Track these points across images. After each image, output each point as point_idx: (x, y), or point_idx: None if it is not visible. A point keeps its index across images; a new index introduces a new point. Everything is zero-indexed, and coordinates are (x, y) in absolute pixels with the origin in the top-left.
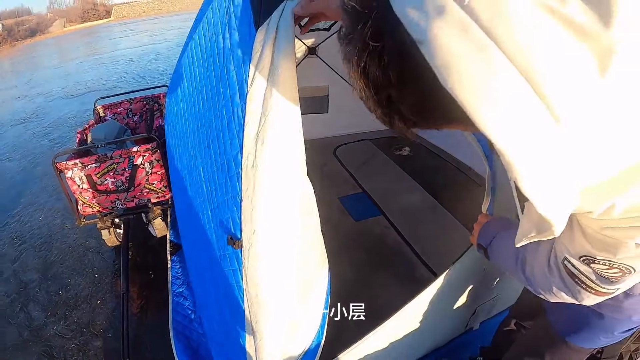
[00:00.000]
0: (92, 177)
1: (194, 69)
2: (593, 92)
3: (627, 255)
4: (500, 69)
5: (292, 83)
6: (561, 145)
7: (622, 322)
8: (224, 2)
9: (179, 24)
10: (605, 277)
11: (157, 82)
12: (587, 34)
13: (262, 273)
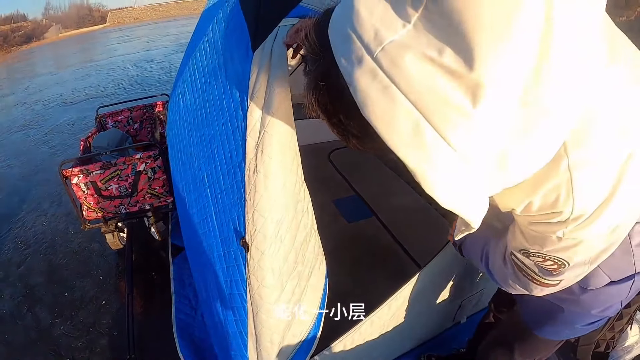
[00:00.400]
0: (97, 183)
1: (196, 84)
2: (471, 121)
3: (554, 248)
4: (400, 105)
5: (286, 99)
6: (461, 166)
7: (581, 316)
8: (224, 25)
9: (174, 30)
10: (545, 269)
11: (153, 88)
12: (458, 76)
13: (263, 267)
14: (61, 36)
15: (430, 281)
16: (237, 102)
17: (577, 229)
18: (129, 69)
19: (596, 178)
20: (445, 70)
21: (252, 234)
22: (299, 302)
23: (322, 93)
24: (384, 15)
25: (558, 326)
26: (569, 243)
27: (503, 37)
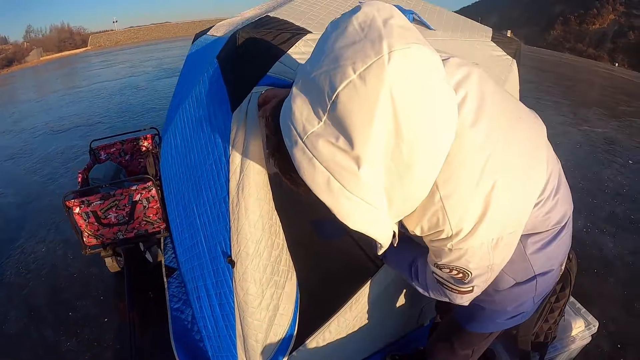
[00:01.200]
0: (97, 212)
1: (185, 131)
2: (358, 177)
3: (450, 258)
4: (318, 169)
5: (260, 149)
6: (361, 204)
7: (500, 312)
8: (207, 86)
9: (156, 55)
10: (455, 278)
11: (139, 116)
12: (346, 152)
13: (247, 278)
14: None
15: (386, 287)
16: (221, 151)
17: (461, 241)
18: (113, 96)
19: (464, 204)
20: (339, 149)
21: (237, 253)
22: (277, 306)
23: (277, 158)
24: (308, 116)
25: (483, 321)
26: (459, 253)
27: (368, 130)
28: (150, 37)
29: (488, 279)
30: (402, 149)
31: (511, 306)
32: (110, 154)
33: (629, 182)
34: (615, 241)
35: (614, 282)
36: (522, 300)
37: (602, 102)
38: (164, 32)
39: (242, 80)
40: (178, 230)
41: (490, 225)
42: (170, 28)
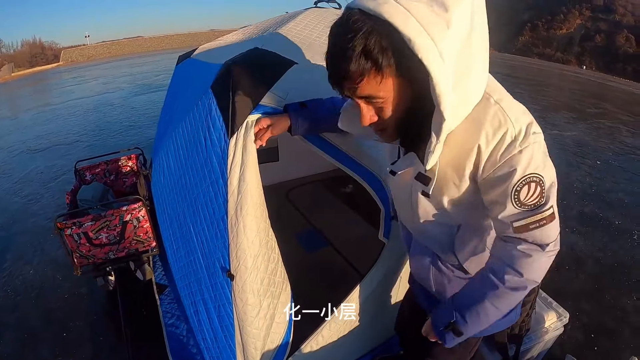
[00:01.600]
0: (89, 233)
1: (179, 154)
2: (447, 34)
3: (524, 165)
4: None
5: (256, 172)
6: (440, 62)
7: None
8: (203, 113)
9: (129, 70)
10: (534, 199)
11: (117, 134)
12: (439, 14)
13: (246, 290)
14: (14, 75)
15: (372, 292)
16: (218, 173)
17: (525, 139)
18: (89, 114)
19: (513, 105)
20: (434, 10)
21: (236, 267)
22: (273, 315)
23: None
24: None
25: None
26: (529, 153)
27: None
28: (122, 51)
29: (554, 192)
30: (472, 39)
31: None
32: (95, 174)
33: (597, 182)
34: (585, 239)
35: (585, 278)
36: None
37: (570, 106)
38: (136, 47)
39: (237, 109)
40: (173, 248)
41: (534, 122)
42: (142, 42)
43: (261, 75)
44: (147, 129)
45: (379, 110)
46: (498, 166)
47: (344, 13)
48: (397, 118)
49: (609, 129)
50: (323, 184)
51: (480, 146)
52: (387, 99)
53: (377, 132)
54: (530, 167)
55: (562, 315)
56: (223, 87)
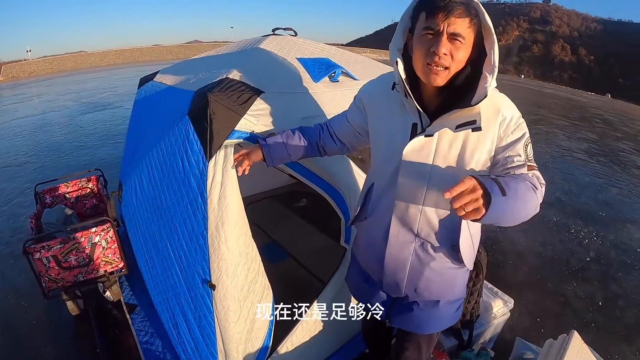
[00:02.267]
0: (58, 256)
1: (153, 175)
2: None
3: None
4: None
5: (236, 189)
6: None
7: (451, 305)
8: (180, 138)
9: (73, 87)
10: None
11: (68, 154)
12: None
13: (228, 297)
14: None
15: (338, 293)
16: (197, 193)
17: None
18: (36, 134)
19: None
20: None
21: (217, 277)
22: (254, 321)
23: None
24: None
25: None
26: (525, 125)
27: None
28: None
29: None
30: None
31: (459, 289)
32: (56, 197)
33: None
34: (527, 236)
35: (529, 270)
36: (464, 282)
37: None
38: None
39: (214, 135)
40: (148, 266)
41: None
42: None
43: (234, 103)
44: (98, 149)
45: (455, 49)
46: (513, 130)
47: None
48: (461, 63)
49: (547, 134)
50: (278, 200)
51: (504, 115)
52: (466, 42)
53: (437, 70)
54: (527, 132)
55: (507, 302)
56: (200, 115)
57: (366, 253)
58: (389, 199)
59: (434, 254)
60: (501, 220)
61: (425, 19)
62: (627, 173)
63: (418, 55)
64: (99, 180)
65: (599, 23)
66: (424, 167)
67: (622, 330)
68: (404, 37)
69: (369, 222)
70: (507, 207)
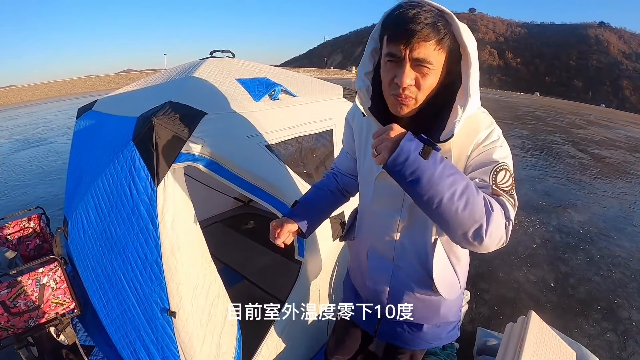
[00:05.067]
0: (5, 302)
1: (101, 207)
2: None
3: (504, 154)
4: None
5: (189, 211)
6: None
7: (450, 324)
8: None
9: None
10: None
11: (3, 196)
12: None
13: (191, 321)
14: None
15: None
16: (147, 220)
17: (502, 140)
18: None
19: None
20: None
21: (177, 303)
22: (219, 345)
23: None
24: None
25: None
26: (505, 149)
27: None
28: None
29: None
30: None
31: (451, 314)
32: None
33: None
34: None
35: (479, 263)
36: (457, 307)
37: None
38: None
39: (161, 160)
40: (102, 301)
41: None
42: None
43: (179, 126)
44: (35, 187)
45: (422, 76)
46: (483, 152)
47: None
48: (428, 91)
49: None
50: (225, 223)
51: (478, 137)
52: (434, 67)
53: (402, 99)
54: (506, 159)
55: (464, 294)
56: (145, 140)
57: (354, 272)
58: (368, 223)
59: (411, 281)
60: (415, 192)
61: (387, 43)
62: (562, 163)
63: (383, 84)
64: (40, 219)
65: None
66: (396, 196)
67: (577, 306)
68: (373, 58)
69: (357, 243)
70: (423, 173)
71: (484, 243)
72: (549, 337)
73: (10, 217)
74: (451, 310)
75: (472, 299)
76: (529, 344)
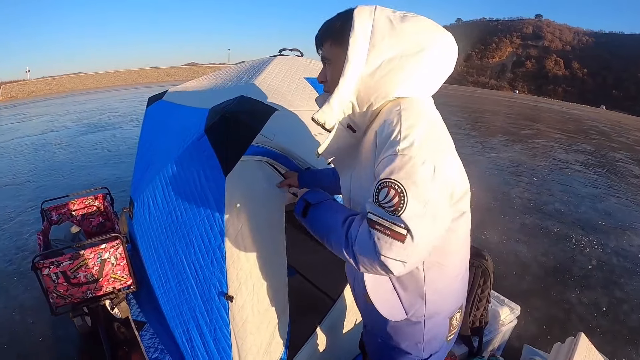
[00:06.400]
0: (67, 272)
1: (167, 191)
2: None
3: (395, 166)
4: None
5: (256, 202)
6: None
7: (406, 355)
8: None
9: (73, 108)
10: (392, 206)
11: (68, 174)
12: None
13: (246, 307)
14: None
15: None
16: (214, 207)
17: (408, 148)
18: (37, 153)
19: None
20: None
21: (236, 288)
22: (273, 335)
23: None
24: None
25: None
26: (404, 160)
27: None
28: (64, 88)
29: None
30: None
31: (404, 343)
32: (62, 214)
33: (534, 196)
34: (528, 247)
35: (532, 279)
36: (411, 340)
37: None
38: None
39: (232, 151)
40: (161, 281)
41: (433, 147)
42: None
43: (250, 120)
44: (99, 169)
45: (327, 70)
46: (381, 160)
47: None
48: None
49: (543, 147)
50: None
51: (377, 132)
52: (332, 62)
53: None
54: (399, 175)
55: (514, 309)
56: (217, 131)
57: None
58: None
59: (361, 294)
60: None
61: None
62: (625, 182)
63: None
64: (105, 198)
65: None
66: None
67: (628, 334)
68: None
69: None
70: (305, 224)
71: (369, 272)
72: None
73: (76, 194)
74: (401, 334)
75: (521, 315)
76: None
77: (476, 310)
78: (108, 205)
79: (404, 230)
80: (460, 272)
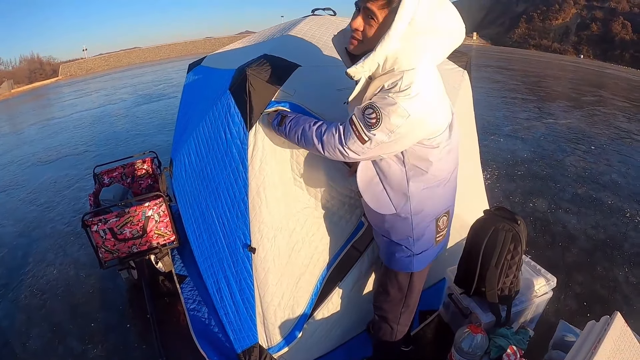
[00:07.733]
0: (114, 229)
1: (200, 149)
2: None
3: (383, 103)
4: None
5: (276, 157)
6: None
7: (400, 247)
8: (222, 111)
9: (129, 81)
10: (369, 121)
11: (124, 142)
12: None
13: (268, 259)
14: (14, 92)
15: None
16: (238, 161)
17: (401, 97)
18: (95, 125)
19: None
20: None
21: (258, 240)
22: (295, 287)
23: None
24: None
25: (396, 258)
26: (389, 101)
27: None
28: (120, 63)
29: (382, 144)
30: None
31: (398, 237)
32: (113, 177)
33: (590, 166)
34: (579, 218)
35: (578, 252)
36: (403, 234)
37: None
38: (134, 58)
39: (253, 107)
40: (195, 235)
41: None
42: (140, 53)
43: (272, 76)
44: (153, 136)
45: (367, 27)
46: (379, 93)
47: None
48: (372, 39)
49: (605, 115)
50: None
51: (384, 86)
52: (376, 23)
53: (350, 39)
54: (384, 109)
55: (550, 280)
56: (240, 89)
57: None
58: None
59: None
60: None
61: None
62: None
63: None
64: (153, 162)
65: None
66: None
67: None
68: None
69: None
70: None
71: (328, 156)
72: (630, 344)
73: (127, 158)
74: (395, 229)
75: (561, 288)
76: (605, 347)
77: (505, 277)
78: (155, 168)
79: (367, 138)
80: (442, 180)
